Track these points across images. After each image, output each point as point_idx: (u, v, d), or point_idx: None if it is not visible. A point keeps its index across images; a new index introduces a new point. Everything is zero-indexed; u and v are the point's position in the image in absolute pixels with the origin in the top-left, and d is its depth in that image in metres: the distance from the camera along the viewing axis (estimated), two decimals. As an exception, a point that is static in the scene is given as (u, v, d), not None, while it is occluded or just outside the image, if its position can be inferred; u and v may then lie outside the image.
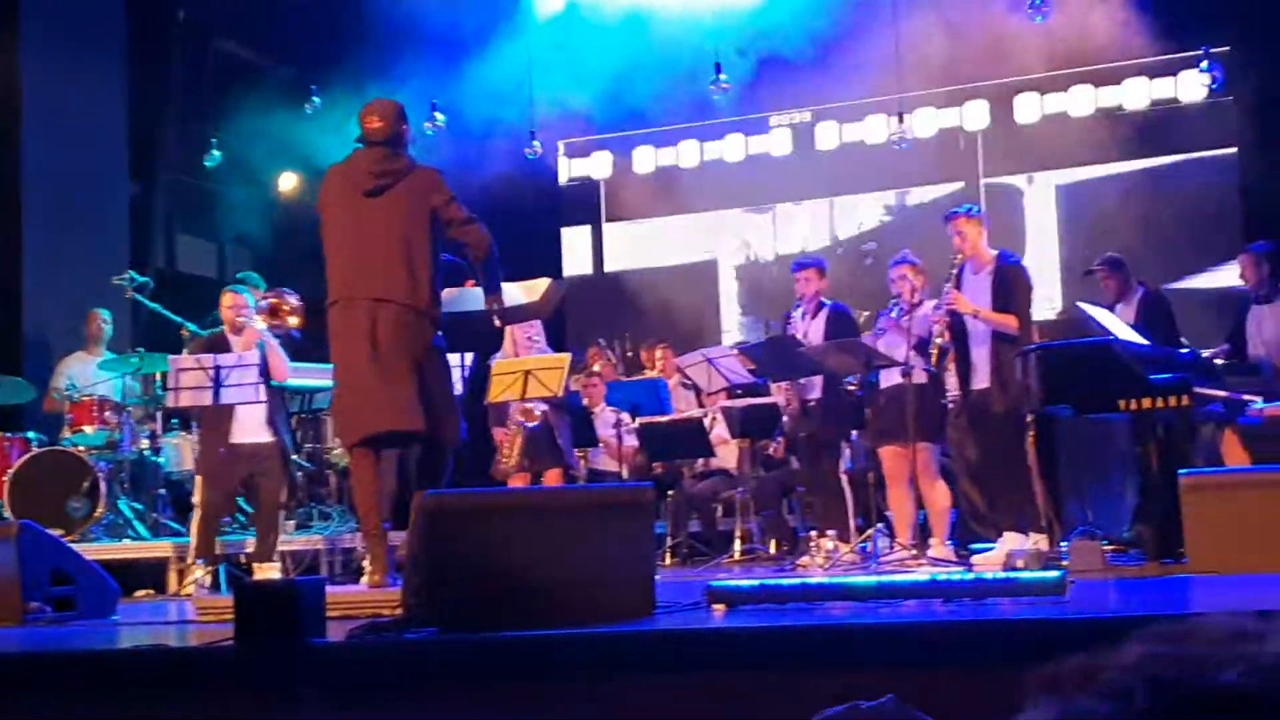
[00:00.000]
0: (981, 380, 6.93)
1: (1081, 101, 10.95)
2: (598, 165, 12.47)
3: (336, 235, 5.89)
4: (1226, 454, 6.08)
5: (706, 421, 9.19)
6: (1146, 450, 6.26)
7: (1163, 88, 10.80)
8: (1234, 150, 10.59)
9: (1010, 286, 6.95)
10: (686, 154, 12.20)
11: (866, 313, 8.44)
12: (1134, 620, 3.49)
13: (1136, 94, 10.85)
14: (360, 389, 5.75)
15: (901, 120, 10.04)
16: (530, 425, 8.26)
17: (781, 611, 4.26)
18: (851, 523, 7.62)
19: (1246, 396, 6.32)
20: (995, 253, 7.11)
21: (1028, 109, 11.08)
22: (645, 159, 12.31)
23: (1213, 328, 8.57)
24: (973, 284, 7.03)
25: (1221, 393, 6.34)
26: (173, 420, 9.13)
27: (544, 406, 8.30)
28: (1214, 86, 10.09)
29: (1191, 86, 10.46)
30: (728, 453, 9.15)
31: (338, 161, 6.09)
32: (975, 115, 11.17)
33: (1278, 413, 6.10)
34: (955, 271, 7.02)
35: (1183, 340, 8.09)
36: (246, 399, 7.39)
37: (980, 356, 6.96)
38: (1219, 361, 7.34)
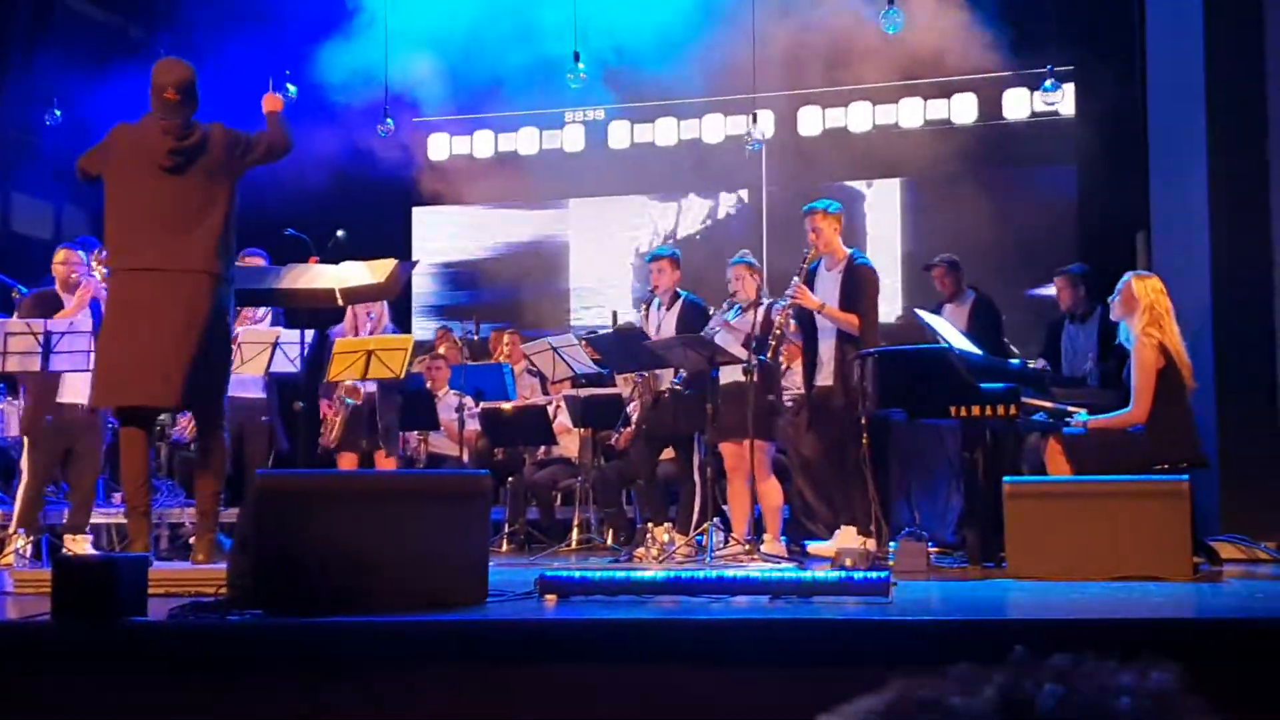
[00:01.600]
0: (825, 378, 7.04)
1: (923, 112, 11.23)
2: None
3: (127, 205, 5.75)
4: (1050, 463, 6.27)
5: (550, 409, 9.19)
6: (974, 457, 6.44)
7: (1009, 103, 11.11)
8: (1073, 167, 10.94)
9: (858, 285, 7.07)
10: (524, 141, 12.35)
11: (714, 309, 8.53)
12: (951, 624, 3.59)
13: (982, 107, 11.15)
14: (140, 358, 5.61)
15: (755, 120, 10.15)
16: (351, 403, 8.17)
17: (612, 604, 4.29)
18: (694, 516, 7.68)
19: (1071, 408, 6.54)
20: (849, 251, 7.23)
21: (863, 117, 11.41)
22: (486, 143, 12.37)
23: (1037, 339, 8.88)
24: (826, 280, 7.13)
25: (1048, 404, 6.56)
26: (-1, 384, 8.80)
27: (371, 387, 8.20)
28: (1056, 104, 10.39)
29: (1036, 103, 10.77)
30: (570, 441, 9.17)
31: (128, 122, 5.92)
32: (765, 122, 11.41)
33: (1100, 425, 6.31)
34: (805, 266, 7.10)
35: (1006, 343, 8.37)
36: (77, 367, 7.16)
37: (825, 353, 7.08)
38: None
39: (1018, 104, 11.11)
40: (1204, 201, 7.63)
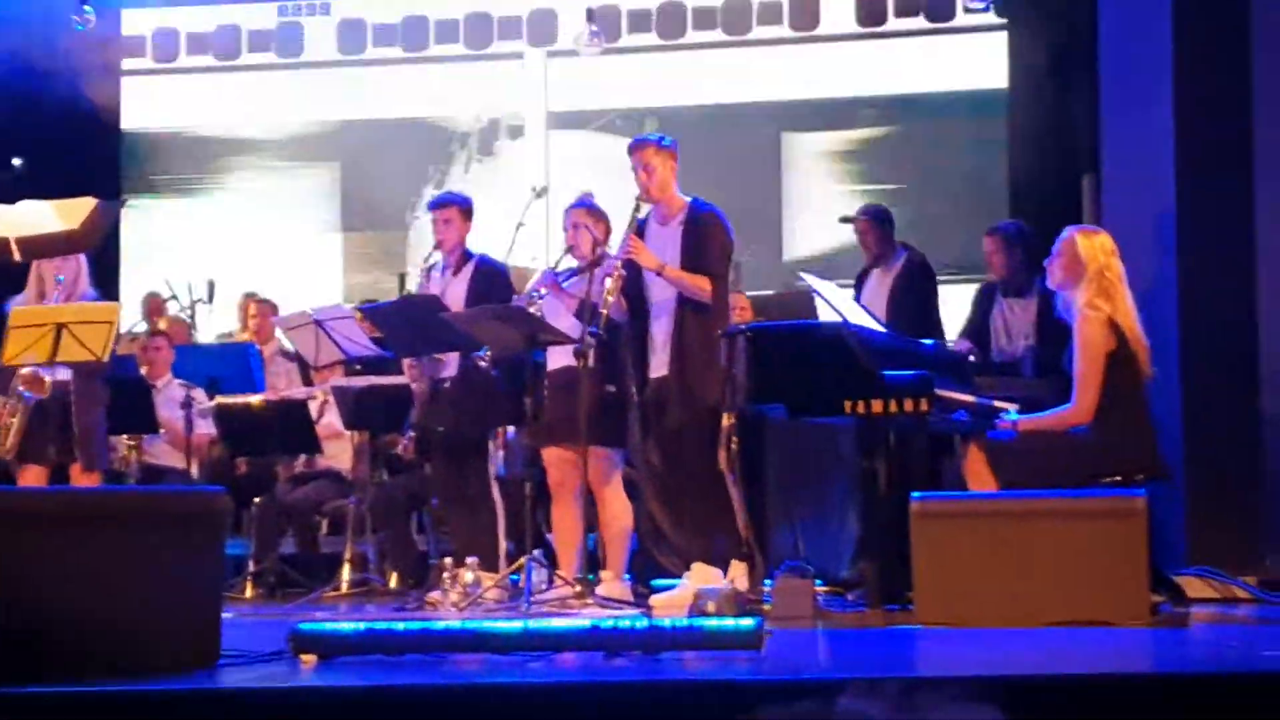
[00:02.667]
0: (659, 367, 7.06)
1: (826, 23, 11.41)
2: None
3: None
4: (970, 475, 6.36)
5: (313, 406, 9.11)
6: (873, 466, 6.52)
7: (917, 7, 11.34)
8: (1003, 91, 11.18)
9: (703, 240, 7.09)
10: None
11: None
12: (836, 684, 3.63)
13: (870, 12, 11.36)
14: None
15: (591, 18, 10.21)
16: (31, 397, 7.98)
17: (395, 666, 4.30)
18: (501, 548, 7.67)
19: (998, 404, 6.61)
20: (688, 199, 7.25)
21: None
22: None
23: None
24: (659, 236, 7.14)
25: (969, 397, 6.64)
26: None
27: (64, 375, 8.03)
28: (983, 7, 10.62)
29: (955, 9, 11.00)
30: (339, 449, 9.10)
31: None
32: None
33: (1033, 426, 6.38)
34: (635, 215, 7.11)
35: (940, 322, 8.49)
36: None
37: (660, 335, 7.08)
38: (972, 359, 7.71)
39: (931, 10, 11.31)
40: (1169, 135, 7.81)
